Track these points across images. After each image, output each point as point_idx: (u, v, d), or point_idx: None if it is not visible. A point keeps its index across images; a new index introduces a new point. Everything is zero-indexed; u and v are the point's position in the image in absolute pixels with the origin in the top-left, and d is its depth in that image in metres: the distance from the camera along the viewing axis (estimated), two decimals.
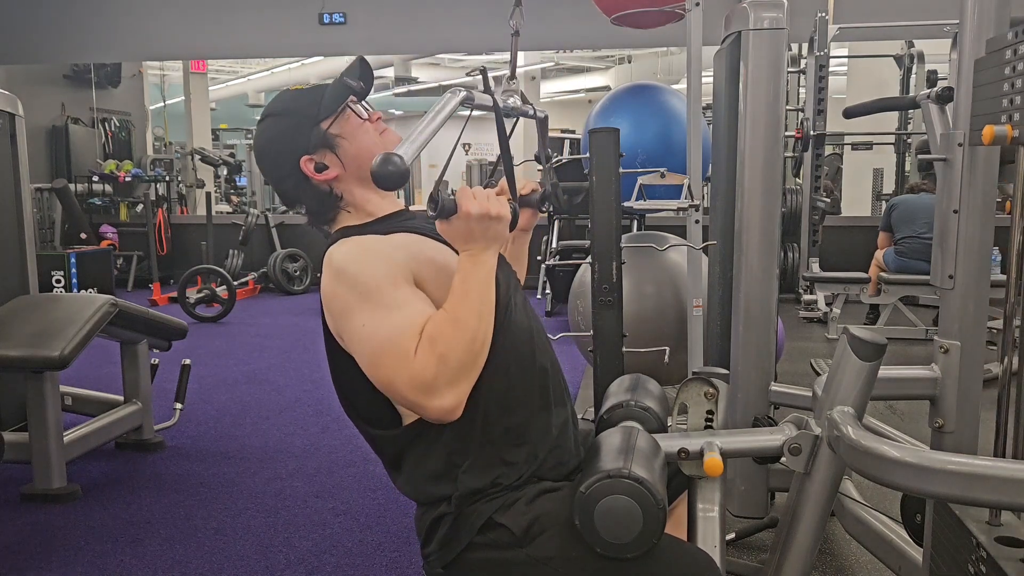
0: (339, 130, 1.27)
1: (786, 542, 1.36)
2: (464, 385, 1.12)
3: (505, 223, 1.16)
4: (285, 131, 1.29)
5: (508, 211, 1.16)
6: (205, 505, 2.63)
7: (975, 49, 1.57)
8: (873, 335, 1.29)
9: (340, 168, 1.27)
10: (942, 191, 1.65)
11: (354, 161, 1.27)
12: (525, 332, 1.28)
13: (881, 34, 6.73)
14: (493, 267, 1.16)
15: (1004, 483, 0.99)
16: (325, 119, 1.27)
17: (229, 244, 7.71)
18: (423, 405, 1.10)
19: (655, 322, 2.96)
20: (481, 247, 1.15)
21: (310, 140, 1.27)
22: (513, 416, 1.23)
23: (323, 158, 1.27)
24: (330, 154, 1.27)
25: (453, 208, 1.12)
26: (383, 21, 7.36)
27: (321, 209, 1.31)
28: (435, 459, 1.22)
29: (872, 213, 8.57)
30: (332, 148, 1.27)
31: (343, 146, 1.27)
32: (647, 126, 3.56)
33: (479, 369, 1.14)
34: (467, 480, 1.20)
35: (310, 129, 1.27)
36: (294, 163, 1.27)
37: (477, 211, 1.12)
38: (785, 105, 2.12)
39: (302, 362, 4.77)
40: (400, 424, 1.24)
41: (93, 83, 8.89)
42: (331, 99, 1.27)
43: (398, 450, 1.26)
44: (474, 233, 1.13)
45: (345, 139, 1.27)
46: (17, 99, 3.15)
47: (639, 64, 14.14)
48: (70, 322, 2.67)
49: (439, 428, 1.20)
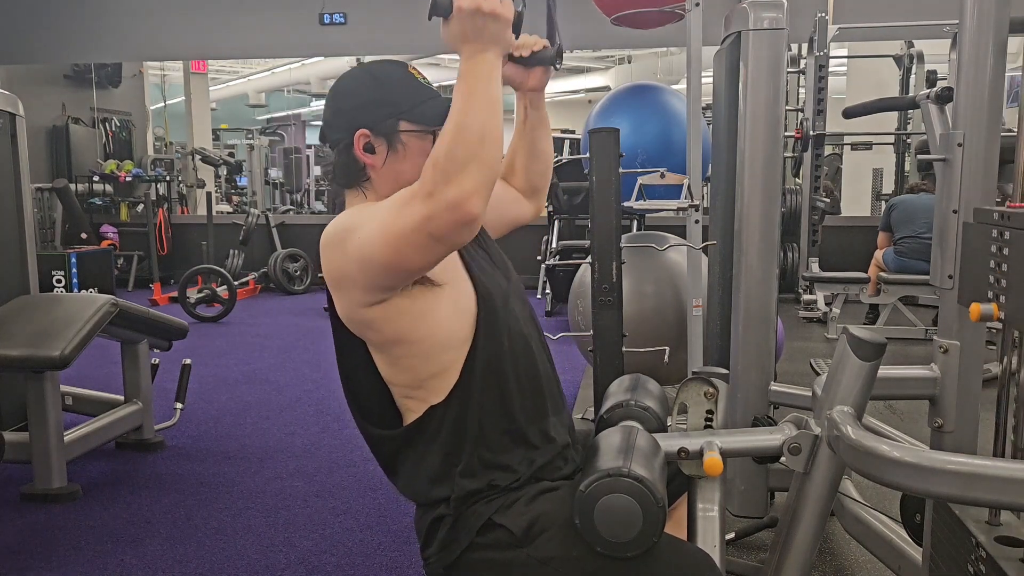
0: (409, 139, 1.24)
1: (786, 542, 1.36)
2: (474, 174, 1.01)
3: (504, 23, 1.07)
4: (370, 95, 1.24)
5: (508, 10, 1.07)
6: (205, 505, 2.63)
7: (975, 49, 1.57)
8: (873, 335, 1.29)
9: (381, 164, 1.24)
10: (942, 191, 1.65)
11: (396, 172, 1.24)
12: (523, 338, 1.28)
13: (881, 34, 6.73)
14: (495, 67, 1.08)
15: (1004, 483, 0.99)
16: (408, 120, 1.23)
17: (229, 244, 7.71)
18: (434, 205, 1.02)
19: (655, 322, 2.97)
20: (479, 47, 1.06)
21: (380, 121, 1.23)
22: (510, 420, 1.23)
23: (378, 144, 1.23)
24: (385, 146, 1.24)
25: (448, 5, 1.06)
26: (383, 21, 7.37)
27: (344, 174, 1.27)
28: (432, 461, 1.22)
29: (872, 213, 8.57)
30: (391, 145, 1.24)
31: (400, 153, 1.24)
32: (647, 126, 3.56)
33: (494, 164, 1.04)
34: (464, 482, 1.20)
35: (389, 114, 1.23)
36: (353, 125, 1.23)
37: (469, 6, 1.04)
38: (785, 105, 2.12)
39: (302, 362, 4.77)
40: (400, 424, 1.25)
41: (94, 83, 8.90)
42: (428, 111, 1.24)
43: (395, 450, 1.26)
44: (468, 33, 1.06)
45: (407, 150, 1.24)
46: (17, 99, 3.15)
47: (639, 64, 14.14)
48: (70, 322, 2.68)
49: (436, 429, 1.21)
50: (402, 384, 1.23)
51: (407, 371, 1.22)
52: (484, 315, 1.22)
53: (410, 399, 1.24)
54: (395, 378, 1.23)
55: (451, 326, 1.21)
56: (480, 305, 1.23)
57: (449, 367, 1.21)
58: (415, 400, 1.23)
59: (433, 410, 1.21)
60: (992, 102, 1.58)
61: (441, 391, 1.21)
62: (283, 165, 12.59)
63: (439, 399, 1.21)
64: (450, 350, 1.21)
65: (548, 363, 1.34)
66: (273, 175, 12.65)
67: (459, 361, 1.21)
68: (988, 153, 1.59)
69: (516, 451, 1.23)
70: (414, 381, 1.22)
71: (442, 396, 1.21)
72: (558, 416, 1.31)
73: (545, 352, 1.34)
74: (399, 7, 7.20)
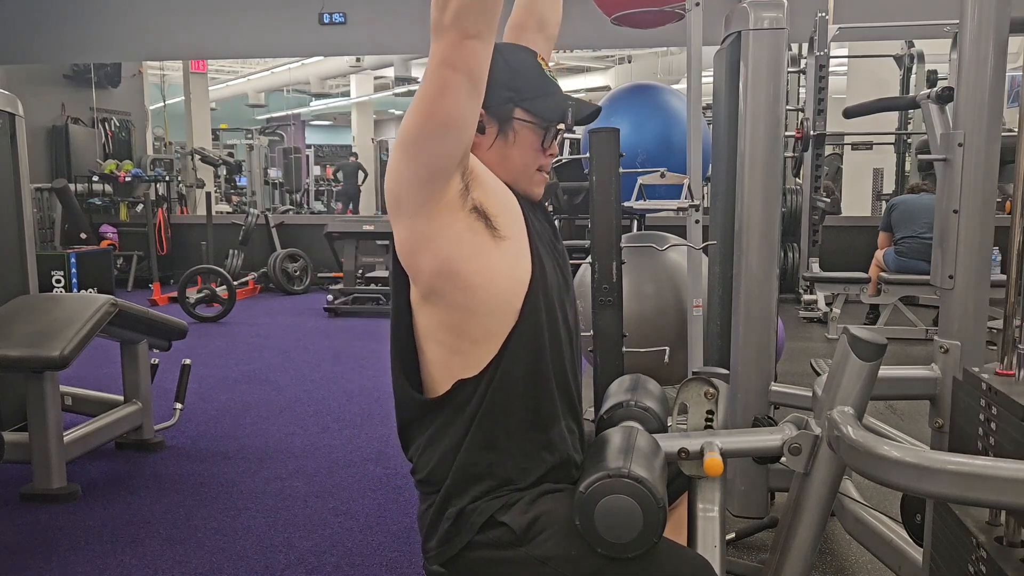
0: (522, 128, 1.23)
1: (786, 542, 1.36)
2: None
3: None
4: (495, 76, 1.18)
5: None
6: (205, 505, 2.63)
7: (975, 49, 1.57)
8: (873, 335, 1.29)
9: (488, 145, 1.23)
10: (942, 191, 1.65)
11: (501, 155, 1.24)
12: (565, 333, 1.27)
13: (881, 34, 6.73)
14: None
15: (1004, 483, 0.99)
16: (525, 109, 1.23)
17: (229, 244, 7.72)
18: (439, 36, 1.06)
19: (655, 322, 2.96)
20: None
21: (499, 103, 1.22)
22: (537, 411, 1.22)
23: (490, 124, 1.23)
24: (496, 128, 1.23)
25: None
26: (383, 21, 7.37)
27: None
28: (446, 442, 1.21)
29: (872, 213, 8.57)
30: (503, 129, 1.23)
31: (510, 138, 1.23)
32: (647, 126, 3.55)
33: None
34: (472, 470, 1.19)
35: (509, 98, 1.23)
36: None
37: None
38: (785, 105, 2.12)
39: (302, 362, 4.77)
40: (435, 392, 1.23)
41: (93, 83, 8.90)
42: (547, 105, 1.24)
43: (414, 417, 1.25)
44: None
45: (516, 138, 1.24)
46: (17, 99, 3.15)
47: (639, 64, 14.14)
48: (70, 322, 2.67)
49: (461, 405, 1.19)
50: (442, 342, 1.20)
51: (449, 329, 1.19)
52: (534, 290, 1.20)
53: (444, 368, 1.21)
54: (437, 333, 1.20)
55: (503, 283, 1.18)
56: (535, 275, 1.20)
57: (490, 336, 1.18)
58: (447, 369, 1.20)
59: (463, 384, 1.19)
60: (992, 102, 1.58)
61: (476, 363, 1.18)
62: (283, 165, 12.59)
63: (471, 372, 1.19)
64: (496, 314, 1.18)
65: (578, 368, 1.33)
66: (272, 175, 12.66)
67: (502, 333, 1.18)
68: (988, 153, 1.59)
69: (534, 449, 1.22)
70: (454, 341, 1.19)
71: (475, 370, 1.19)
72: (575, 420, 1.30)
73: (578, 357, 1.33)
74: (399, 7, 7.21)
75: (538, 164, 1.27)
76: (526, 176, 1.26)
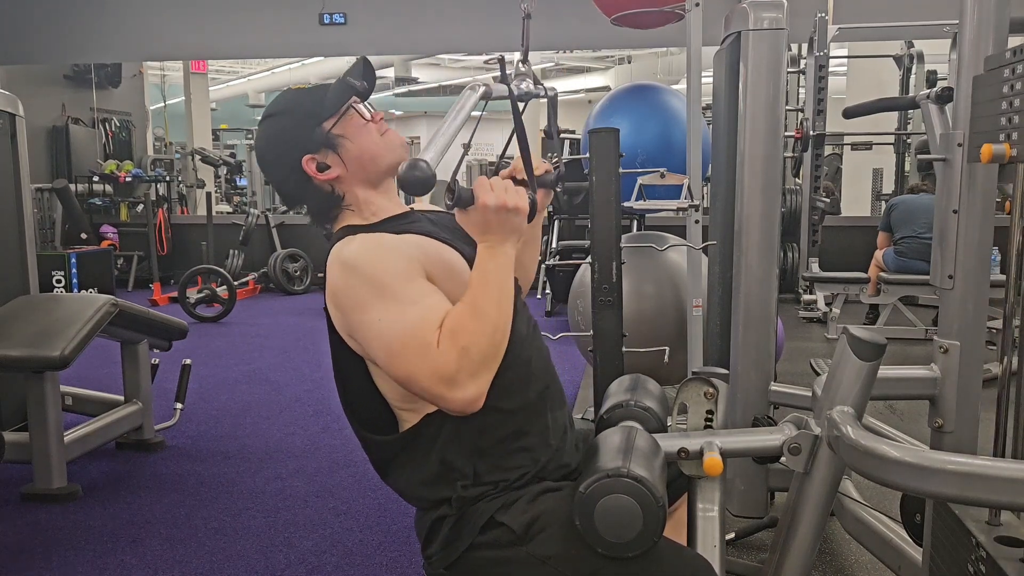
0: (342, 130, 1.26)
1: (786, 542, 1.36)
2: (486, 376, 1.11)
3: (523, 215, 1.13)
4: (287, 130, 1.28)
5: (526, 203, 1.14)
6: (205, 505, 2.63)
7: (975, 49, 1.57)
8: (873, 335, 1.29)
9: (342, 168, 1.26)
10: (942, 191, 1.65)
11: (356, 162, 1.26)
12: (523, 338, 1.28)
13: (881, 34, 6.72)
14: (511, 258, 1.15)
15: (1004, 483, 0.99)
16: (328, 119, 1.26)
17: (229, 244, 7.72)
18: (446, 397, 1.09)
19: (655, 322, 2.97)
20: (499, 239, 1.13)
21: (312, 139, 1.26)
22: (509, 423, 1.23)
23: (325, 158, 1.26)
24: (332, 154, 1.26)
25: (470, 199, 1.11)
26: (383, 21, 7.36)
27: (323, 208, 1.30)
28: (429, 468, 1.22)
29: (872, 213, 8.58)
30: (334, 148, 1.26)
31: (346, 146, 1.26)
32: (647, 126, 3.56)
33: (499, 359, 1.13)
34: (463, 486, 1.20)
35: (312, 129, 1.26)
36: (296, 162, 1.26)
37: (494, 203, 1.11)
38: (785, 105, 2.12)
39: (302, 362, 4.77)
40: (396, 430, 1.25)
41: (93, 83, 8.89)
42: (334, 99, 1.26)
43: (391, 456, 1.26)
44: (491, 225, 1.12)
45: (348, 139, 1.26)
46: (17, 99, 3.15)
47: (639, 64, 14.15)
48: (70, 322, 2.67)
49: (434, 435, 1.21)
50: (399, 395, 1.22)
51: None
52: None
53: (406, 410, 1.23)
54: (392, 390, 1.22)
55: None
56: None
57: None
58: (411, 411, 1.23)
59: (430, 418, 1.21)
60: None
61: None
62: None
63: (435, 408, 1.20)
64: None
65: (547, 357, 1.34)
66: None
67: None
68: None
69: (519, 452, 1.23)
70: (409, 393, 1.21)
71: None
72: (560, 411, 1.31)
73: (543, 349, 1.34)
74: (399, 7, 7.20)
75: (380, 132, 1.29)
76: (381, 149, 1.28)
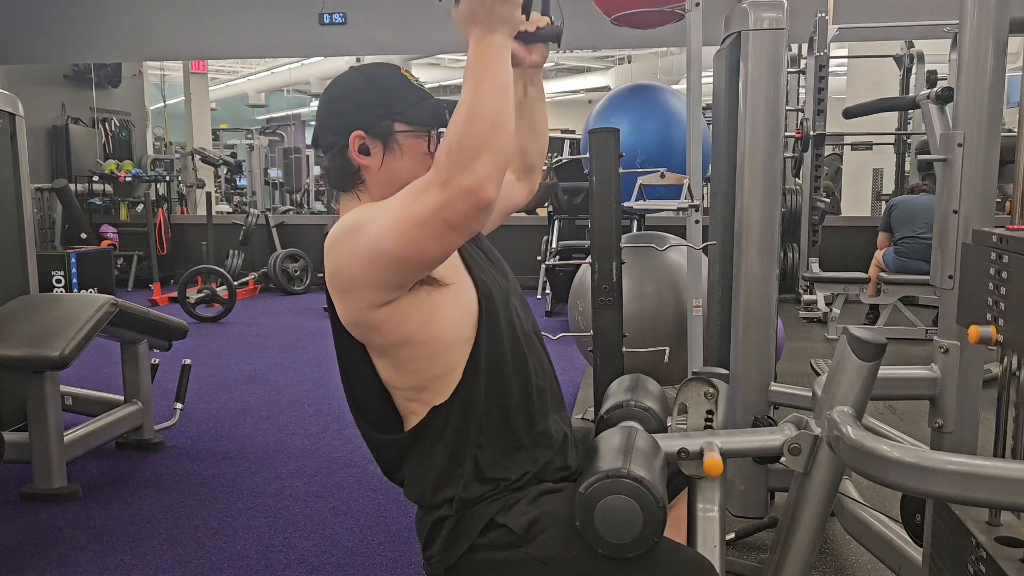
0: (404, 140, 1.23)
1: (786, 542, 1.36)
2: (487, 160, 1.02)
3: (513, 4, 1.07)
4: (364, 97, 1.23)
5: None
6: (205, 505, 2.63)
7: (975, 49, 1.57)
8: (873, 335, 1.29)
9: (377, 165, 1.24)
10: (942, 191, 1.65)
11: (390, 173, 1.24)
12: (524, 336, 1.28)
13: (881, 34, 6.73)
14: (504, 49, 1.07)
15: (1004, 483, 0.99)
16: (403, 122, 1.23)
17: (229, 244, 7.72)
18: (449, 197, 1.02)
19: (655, 322, 2.97)
20: (485, 29, 1.06)
21: (376, 124, 1.23)
22: (511, 418, 1.23)
23: (373, 146, 1.23)
24: (381, 148, 1.24)
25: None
26: (383, 21, 7.37)
27: (340, 177, 1.27)
28: (437, 463, 1.22)
29: (872, 213, 8.58)
30: (387, 145, 1.24)
31: (395, 154, 1.23)
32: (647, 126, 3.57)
33: (505, 148, 1.05)
34: (468, 482, 1.20)
35: (383, 117, 1.23)
36: (348, 127, 1.23)
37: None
38: (785, 105, 2.12)
39: (302, 362, 4.77)
40: (402, 429, 1.25)
41: (93, 83, 8.90)
42: (423, 112, 1.24)
43: (398, 455, 1.27)
44: (476, 13, 1.05)
45: (401, 151, 1.23)
46: (17, 99, 3.15)
47: (639, 64, 14.16)
48: (70, 322, 2.67)
49: (440, 430, 1.21)
50: (406, 387, 1.23)
51: (412, 374, 1.21)
52: (486, 313, 1.23)
53: (413, 401, 1.23)
54: (399, 381, 1.23)
55: (456, 326, 1.21)
56: (482, 304, 1.23)
57: (454, 367, 1.21)
58: (418, 403, 1.23)
59: (436, 411, 1.21)
60: (992, 102, 1.58)
61: (444, 391, 1.21)
62: (283, 165, 12.58)
63: (442, 399, 1.21)
64: (455, 349, 1.21)
65: (547, 361, 1.35)
66: (273, 175, 12.66)
67: (463, 360, 1.21)
68: (988, 153, 1.59)
69: (517, 451, 1.23)
70: (419, 383, 1.22)
71: (445, 396, 1.21)
72: (558, 414, 1.32)
73: (544, 350, 1.35)
74: (399, 7, 7.20)
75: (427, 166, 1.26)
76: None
